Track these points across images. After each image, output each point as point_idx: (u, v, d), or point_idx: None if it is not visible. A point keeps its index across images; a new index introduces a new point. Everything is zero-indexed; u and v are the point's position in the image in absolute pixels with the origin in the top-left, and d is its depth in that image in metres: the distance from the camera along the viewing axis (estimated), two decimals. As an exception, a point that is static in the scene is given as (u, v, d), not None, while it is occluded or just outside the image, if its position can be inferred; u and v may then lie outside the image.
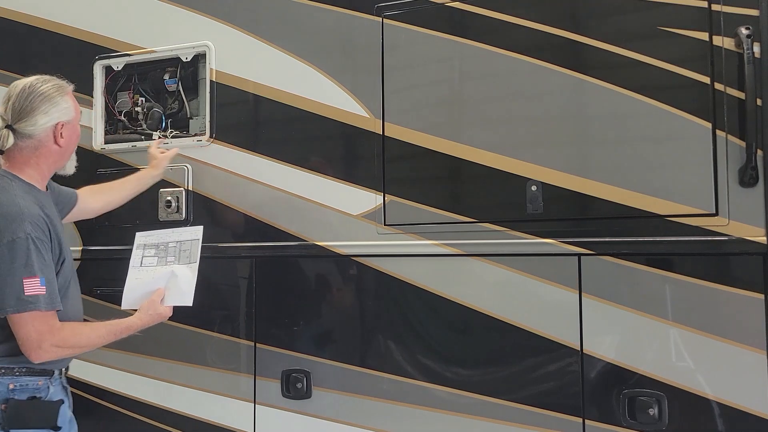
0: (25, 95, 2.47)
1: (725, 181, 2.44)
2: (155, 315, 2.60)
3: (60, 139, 2.52)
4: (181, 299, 2.64)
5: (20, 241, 2.30)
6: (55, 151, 2.53)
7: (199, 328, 3.29)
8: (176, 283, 2.64)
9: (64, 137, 2.53)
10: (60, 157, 2.57)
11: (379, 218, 2.94)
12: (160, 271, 2.67)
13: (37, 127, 2.46)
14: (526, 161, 2.71)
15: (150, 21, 3.47)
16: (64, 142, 2.53)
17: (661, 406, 2.50)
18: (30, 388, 2.40)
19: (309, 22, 3.12)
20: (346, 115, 3.02)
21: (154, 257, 2.70)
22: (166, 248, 2.72)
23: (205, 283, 3.32)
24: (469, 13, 2.83)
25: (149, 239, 2.77)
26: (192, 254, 2.68)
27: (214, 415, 3.24)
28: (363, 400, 2.96)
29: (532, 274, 2.69)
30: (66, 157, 2.62)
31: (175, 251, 2.70)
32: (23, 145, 2.48)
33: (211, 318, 3.28)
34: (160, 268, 2.67)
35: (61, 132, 2.51)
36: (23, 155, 2.50)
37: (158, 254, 2.71)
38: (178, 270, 2.66)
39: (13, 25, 3.81)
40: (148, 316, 2.59)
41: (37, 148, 2.50)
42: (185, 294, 2.64)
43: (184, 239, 2.72)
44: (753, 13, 2.43)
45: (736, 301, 2.43)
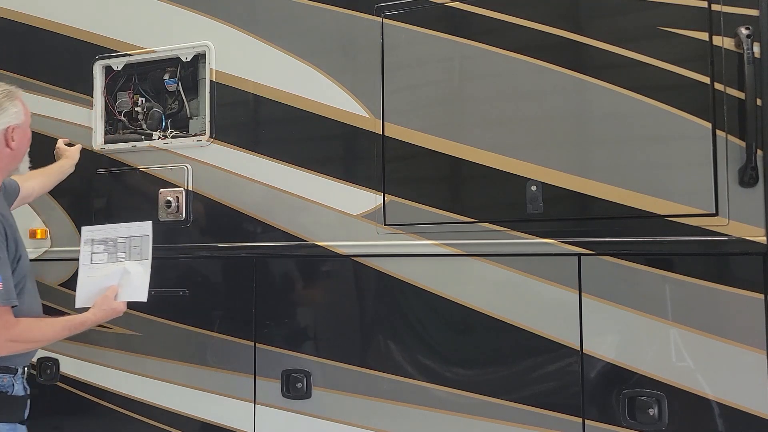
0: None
1: (725, 181, 2.44)
2: (109, 310, 2.65)
3: (11, 143, 2.57)
4: (134, 295, 2.68)
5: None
6: (6, 155, 2.58)
7: (199, 328, 3.29)
8: (129, 279, 2.67)
9: (15, 140, 2.58)
10: (12, 159, 2.62)
11: (379, 218, 2.94)
12: (111, 269, 2.70)
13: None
14: (526, 161, 2.71)
15: (150, 21, 3.47)
16: (15, 145, 2.58)
17: (661, 406, 2.50)
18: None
19: (309, 22, 3.12)
20: (346, 115, 3.02)
21: (103, 254, 2.73)
22: (116, 244, 2.73)
23: (205, 283, 3.33)
24: (469, 13, 2.83)
25: (97, 234, 2.77)
26: (143, 251, 2.71)
27: (214, 415, 3.24)
28: (363, 400, 2.96)
29: (532, 274, 2.69)
30: (18, 159, 2.67)
31: (125, 247, 2.72)
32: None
33: (211, 318, 3.28)
34: (111, 265, 2.70)
35: (12, 135, 2.56)
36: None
37: (108, 250, 2.73)
38: (130, 267, 2.69)
39: (13, 25, 3.81)
40: (102, 311, 2.64)
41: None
42: (139, 289, 2.67)
43: (133, 235, 2.74)
44: (753, 13, 2.43)
45: (736, 301, 2.43)
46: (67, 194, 3.58)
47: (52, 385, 3.60)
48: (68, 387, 3.57)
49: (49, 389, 3.61)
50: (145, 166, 3.41)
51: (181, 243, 3.31)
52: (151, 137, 3.44)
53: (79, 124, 3.56)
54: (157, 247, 2.76)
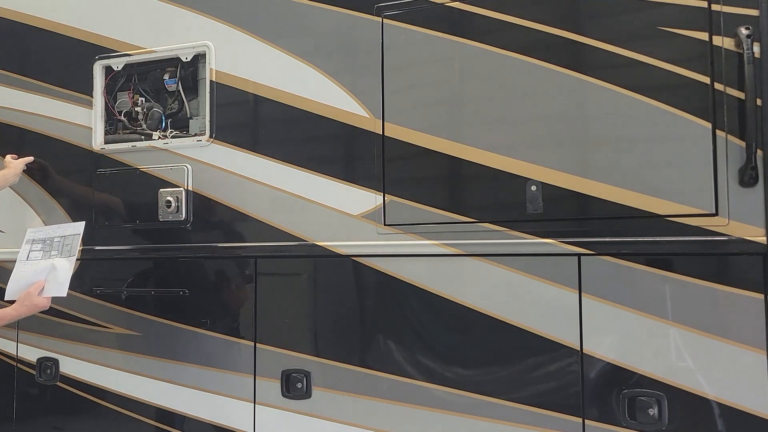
0: None
1: (725, 181, 2.44)
2: (31, 306, 2.70)
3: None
4: (57, 290, 2.74)
5: None
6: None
7: (199, 328, 3.29)
8: (55, 275, 2.74)
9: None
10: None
11: (379, 218, 2.94)
12: (41, 264, 2.77)
13: None
14: (526, 161, 2.71)
15: (150, 21, 3.47)
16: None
17: (661, 406, 2.50)
18: None
19: (309, 22, 3.12)
20: (346, 115, 3.02)
21: (39, 251, 2.82)
22: (51, 243, 2.82)
23: (205, 283, 3.33)
24: (469, 13, 2.83)
25: (38, 234, 2.87)
26: (72, 248, 2.79)
27: (214, 415, 3.24)
28: (363, 400, 2.95)
29: (532, 274, 2.69)
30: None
31: (58, 245, 2.81)
32: None
33: (211, 318, 3.28)
34: (43, 261, 2.78)
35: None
36: None
37: (44, 248, 2.82)
38: (57, 263, 2.76)
39: (13, 25, 3.81)
40: (24, 307, 2.69)
41: None
42: (61, 285, 2.74)
43: (67, 234, 2.83)
44: (753, 13, 2.43)
45: (736, 301, 2.43)
46: (67, 194, 3.59)
47: (52, 385, 3.60)
48: (68, 387, 3.57)
49: (49, 389, 3.61)
50: (144, 166, 3.41)
51: (181, 243, 3.31)
52: (151, 137, 3.44)
53: (79, 124, 3.56)
54: (157, 248, 2.76)
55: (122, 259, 3.46)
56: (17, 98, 3.76)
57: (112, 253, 3.43)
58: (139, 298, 3.41)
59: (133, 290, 3.39)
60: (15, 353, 3.72)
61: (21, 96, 3.75)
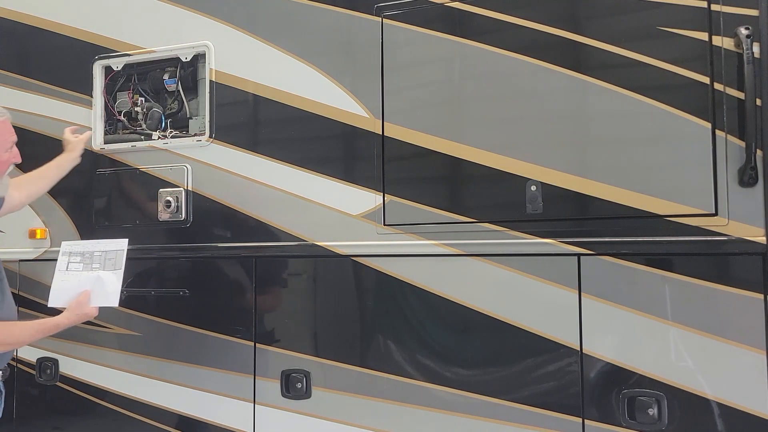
0: None
1: (725, 181, 2.44)
2: (81, 314, 2.71)
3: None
4: (106, 300, 2.78)
5: None
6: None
7: (199, 328, 3.29)
8: (102, 286, 2.78)
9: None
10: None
11: (379, 218, 2.94)
12: (85, 275, 2.82)
13: None
14: (526, 161, 2.71)
15: (150, 21, 3.47)
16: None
17: (661, 406, 2.50)
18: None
19: (309, 22, 3.12)
20: (346, 115, 3.02)
21: (79, 263, 2.85)
22: (92, 256, 2.86)
23: (205, 283, 3.33)
24: (468, 13, 2.83)
25: (75, 248, 2.90)
26: (117, 262, 2.84)
27: (214, 415, 3.24)
28: (362, 400, 2.96)
29: (531, 274, 2.70)
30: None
31: (100, 259, 2.85)
32: None
33: (211, 318, 3.28)
34: (86, 272, 2.83)
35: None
36: None
37: (83, 261, 2.86)
38: (103, 275, 2.81)
39: (13, 25, 3.81)
40: (75, 315, 2.70)
41: None
42: (111, 296, 2.78)
43: (109, 249, 2.87)
44: (752, 13, 2.43)
45: (735, 301, 2.43)
46: (67, 194, 3.59)
47: (52, 385, 3.61)
48: (68, 387, 3.57)
49: (49, 389, 3.61)
50: (144, 166, 3.41)
51: (181, 243, 3.32)
52: (150, 137, 3.44)
53: (79, 124, 3.55)
54: (157, 248, 2.76)
55: (122, 259, 3.46)
56: (17, 98, 3.75)
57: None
58: (139, 298, 3.41)
59: (133, 290, 3.38)
60: (15, 353, 3.72)
61: (21, 96, 3.75)
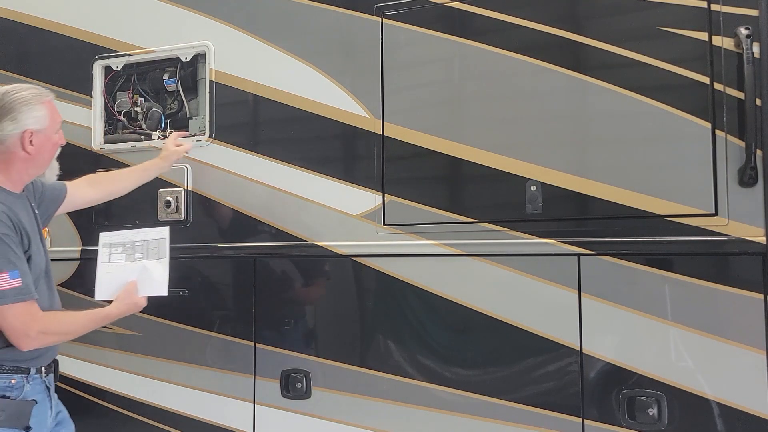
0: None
1: (725, 181, 2.44)
2: (131, 304, 2.68)
3: (29, 146, 2.50)
4: (155, 290, 2.75)
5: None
6: (23, 158, 2.52)
7: (199, 328, 3.29)
8: (149, 275, 2.75)
9: (34, 145, 2.51)
10: (31, 164, 2.56)
11: (379, 218, 2.94)
12: (130, 266, 2.78)
13: (4, 132, 2.47)
14: (526, 161, 2.71)
15: (150, 21, 3.47)
16: (33, 149, 2.51)
17: (661, 406, 2.50)
18: (1, 386, 2.42)
19: (309, 22, 3.12)
20: (346, 115, 3.02)
21: (122, 254, 2.81)
22: (133, 246, 2.81)
23: (205, 283, 3.33)
24: (468, 13, 2.83)
25: (114, 239, 2.85)
26: (161, 251, 2.79)
27: (214, 415, 3.24)
28: (363, 400, 2.96)
29: (531, 274, 2.70)
30: (39, 165, 2.60)
31: (142, 249, 2.80)
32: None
33: (211, 318, 3.28)
34: (130, 263, 2.78)
35: (31, 139, 2.50)
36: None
37: (125, 252, 2.81)
38: (149, 264, 2.77)
39: (13, 25, 3.81)
40: (125, 305, 2.66)
41: (5, 153, 2.50)
42: (159, 284, 2.75)
43: (150, 238, 2.82)
44: (752, 13, 2.43)
45: (735, 301, 2.43)
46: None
47: (52, 385, 3.60)
48: (68, 387, 3.57)
49: (48, 389, 3.61)
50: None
51: (180, 243, 3.31)
52: (150, 137, 3.44)
53: (79, 124, 3.55)
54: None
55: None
56: (17, 98, 3.75)
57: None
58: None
59: (132, 290, 3.38)
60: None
61: (21, 96, 3.75)
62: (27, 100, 2.50)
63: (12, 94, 2.50)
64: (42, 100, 2.55)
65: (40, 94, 2.57)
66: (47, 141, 2.57)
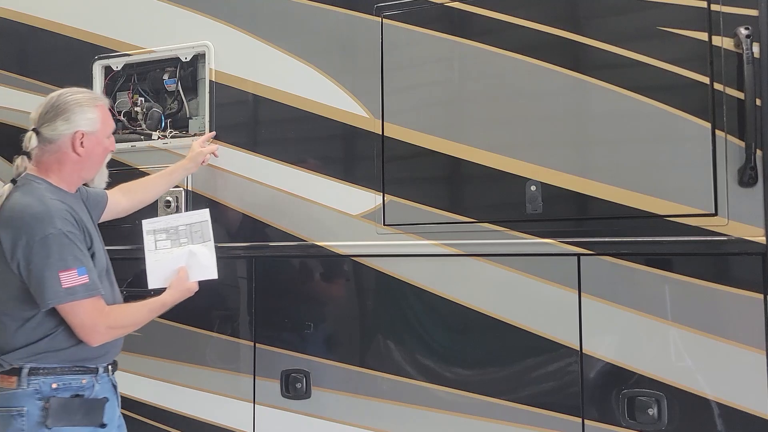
0: (53, 102, 2.53)
1: (725, 181, 2.44)
2: (185, 290, 2.72)
3: (79, 148, 2.52)
4: (205, 274, 2.78)
5: (52, 237, 2.35)
6: (74, 159, 2.54)
7: (199, 328, 3.29)
8: (197, 260, 2.77)
9: (85, 147, 2.53)
10: (81, 166, 2.57)
11: (379, 218, 2.94)
12: (177, 252, 2.79)
13: (56, 132, 2.50)
14: (526, 161, 2.71)
15: (150, 21, 3.47)
16: (83, 151, 2.53)
17: (661, 406, 2.50)
18: (73, 386, 2.44)
19: (309, 22, 3.12)
20: (346, 115, 3.02)
21: (166, 240, 2.81)
22: (177, 231, 2.82)
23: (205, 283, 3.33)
24: (468, 13, 2.83)
25: (157, 225, 2.86)
26: (204, 234, 2.81)
27: (214, 415, 3.24)
28: (363, 400, 2.96)
29: (531, 274, 2.70)
30: (89, 168, 2.61)
31: (186, 233, 2.81)
32: (45, 149, 2.52)
33: (211, 318, 3.29)
34: (176, 249, 2.80)
35: (81, 141, 2.52)
36: (46, 160, 2.53)
37: (170, 237, 2.82)
38: (195, 249, 2.78)
39: (13, 25, 3.81)
40: (179, 292, 2.70)
41: (56, 153, 2.52)
42: (208, 269, 2.78)
43: (193, 222, 2.84)
44: (752, 13, 2.43)
45: (735, 301, 2.43)
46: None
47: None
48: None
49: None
50: (144, 166, 3.41)
51: (180, 243, 3.31)
52: (150, 137, 3.44)
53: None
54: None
55: (122, 259, 3.45)
56: (17, 98, 3.76)
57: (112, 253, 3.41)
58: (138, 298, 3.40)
59: (132, 290, 3.38)
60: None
61: (21, 96, 3.75)
62: (80, 102, 2.54)
63: (67, 96, 2.54)
64: (96, 104, 2.59)
65: (95, 98, 2.62)
66: (98, 144, 2.59)
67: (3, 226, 2.40)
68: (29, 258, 2.35)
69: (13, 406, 2.38)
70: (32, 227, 2.36)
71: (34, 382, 2.39)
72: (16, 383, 2.39)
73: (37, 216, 2.38)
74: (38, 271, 2.35)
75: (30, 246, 2.35)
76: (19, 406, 2.37)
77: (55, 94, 2.57)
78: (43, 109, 2.53)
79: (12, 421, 2.37)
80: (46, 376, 2.40)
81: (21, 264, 2.36)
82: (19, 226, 2.37)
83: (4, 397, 2.40)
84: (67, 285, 2.35)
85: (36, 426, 2.36)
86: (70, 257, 2.38)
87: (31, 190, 2.46)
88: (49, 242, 2.35)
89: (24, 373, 2.38)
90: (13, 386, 2.39)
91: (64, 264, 2.36)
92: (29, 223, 2.37)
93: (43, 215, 2.38)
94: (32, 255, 2.35)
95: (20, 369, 2.39)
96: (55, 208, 2.42)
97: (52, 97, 2.56)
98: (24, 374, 2.38)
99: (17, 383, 2.38)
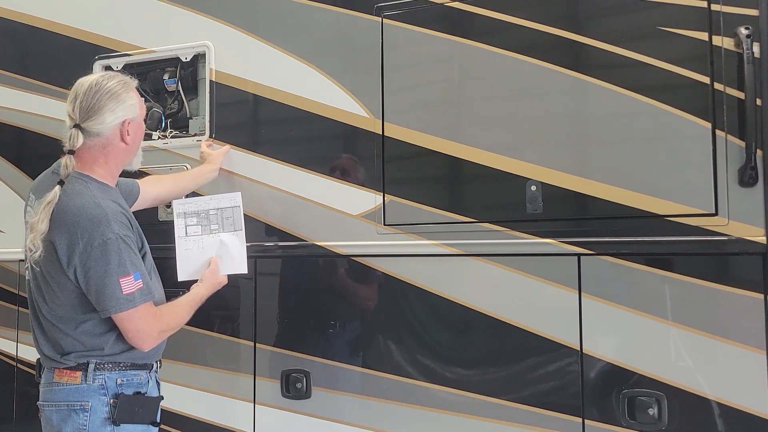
0: (92, 93, 2.41)
1: (725, 181, 2.44)
2: (215, 284, 2.70)
3: (127, 137, 2.47)
4: (234, 267, 2.74)
5: (111, 242, 2.29)
6: (122, 149, 2.49)
7: (199, 328, 3.29)
8: (227, 251, 2.73)
9: (131, 134, 2.48)
10: (127, 154, 2.53)
11: (379, 218, 2.94)
12: (207, 241, 2.74)
13: (105, 125, 2.42)
14: (526, 161, 2.71)
15: (150, 21, 3.47)
16: (130, 139, 2.48)
17: (661, 406, 2.50)
18: (135, 382, 2.43)
19: (309, 22, 3.12)
20: (346, 115, 3.02)
21: (197, 226, 2.76)
22: (208, 216, 2.76)
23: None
24: (469, 13, 2.83)
25: (188, 207, 2.80)
26: (236, 222, 2.76)
27: (214, 415, 3.24)
28: (363, 400, 2.96)
29: (531, 274, 2.70)
30: (132, 154, 2.57)
31: (217, 219, 2.76)
32: (91, 143, 2.43)
33: (211, 318, 3.28)
34: (207, 237, 2.74)
35: (128, 129, 2.47)
36: (92, 154, 2.45)
37: (201, 222, 2.76)
38: (226, 238, 2.74)
39: (13, 25, 3.81)
40: (211, 285, 2.69)
41: (104, 146, 2.45)
42: (238, 262, 2.74)
43: (224, 206, 2.78)
44: (752, 13, 2.43)
45: (735, 301, 2.43)
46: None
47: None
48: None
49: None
50: (144, 166, 3.40)
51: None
52: (150, 137, 3.43)
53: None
54: (157, 247, 2.75)
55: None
56: (17, 98, 3.76)
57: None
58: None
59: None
60: (15, 353, 3.73)
61: (21, 96, 3.75)
62: (119, 90, 2.44)
63: (105, 86, 2.42)
64: (131, 88, 2.52)
65: (128, 82, 2.52)
66: (139, 128, 2.55)
67: (57, 230, 2.30)
68: (87, 264, 2.28)
69: (75, 401, 2.34)
70: (89, 231, 2.28)
71: (99, 377, 2.35)
72: (80, 378, 2.35)
73: (94, 219, 2.30)
74: (98, 278, 2.28)
75: (88, 252, 2.27)
76: (83, 400, 2.34)
77: (89, 84, 2.43)
78: (85, 102, 2.39)
79: (73, 416, 2.33)
80: (111, 371, 2.38)
81: (78, 270, 2.29)
82: (74, 231, 2.28)
83: (66, 391, 2.35)
84: (127, 291, 2.30)
85: (102, 422, 2.33)
86: (128, 262, 2.32)
87: (81, 191, 2.36)
88: (108, 248, 2.28)
89: (91, 368, 2.35)
90: (77, 381, 2.35)
91: (124, 270, 2.31)
92: (86, 226, 2.28)
93: (100, 218, 2.30)
94: (90, 261, 2.28)
95: (87, 364, 2.35)
96: (111, 210, 2.35)
97: (90, 88, 2.41)
98: (91, 369, 2.35)
99: (82, 378, 2.35)
